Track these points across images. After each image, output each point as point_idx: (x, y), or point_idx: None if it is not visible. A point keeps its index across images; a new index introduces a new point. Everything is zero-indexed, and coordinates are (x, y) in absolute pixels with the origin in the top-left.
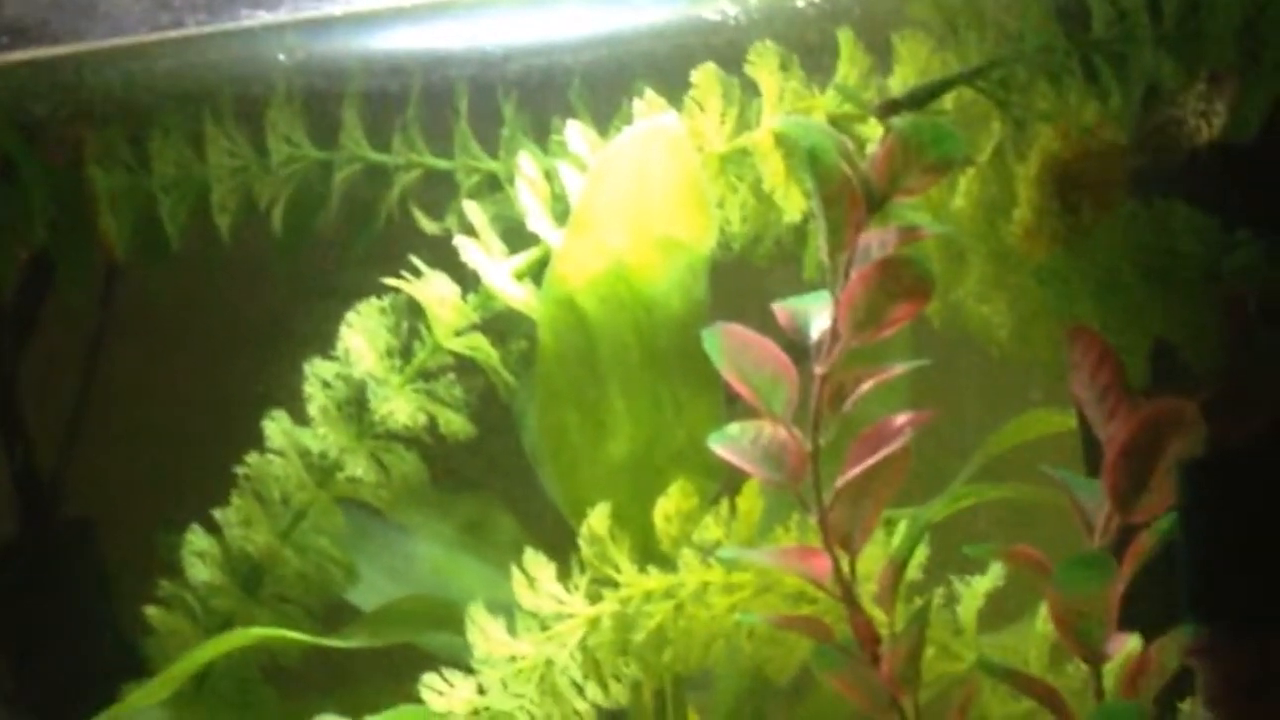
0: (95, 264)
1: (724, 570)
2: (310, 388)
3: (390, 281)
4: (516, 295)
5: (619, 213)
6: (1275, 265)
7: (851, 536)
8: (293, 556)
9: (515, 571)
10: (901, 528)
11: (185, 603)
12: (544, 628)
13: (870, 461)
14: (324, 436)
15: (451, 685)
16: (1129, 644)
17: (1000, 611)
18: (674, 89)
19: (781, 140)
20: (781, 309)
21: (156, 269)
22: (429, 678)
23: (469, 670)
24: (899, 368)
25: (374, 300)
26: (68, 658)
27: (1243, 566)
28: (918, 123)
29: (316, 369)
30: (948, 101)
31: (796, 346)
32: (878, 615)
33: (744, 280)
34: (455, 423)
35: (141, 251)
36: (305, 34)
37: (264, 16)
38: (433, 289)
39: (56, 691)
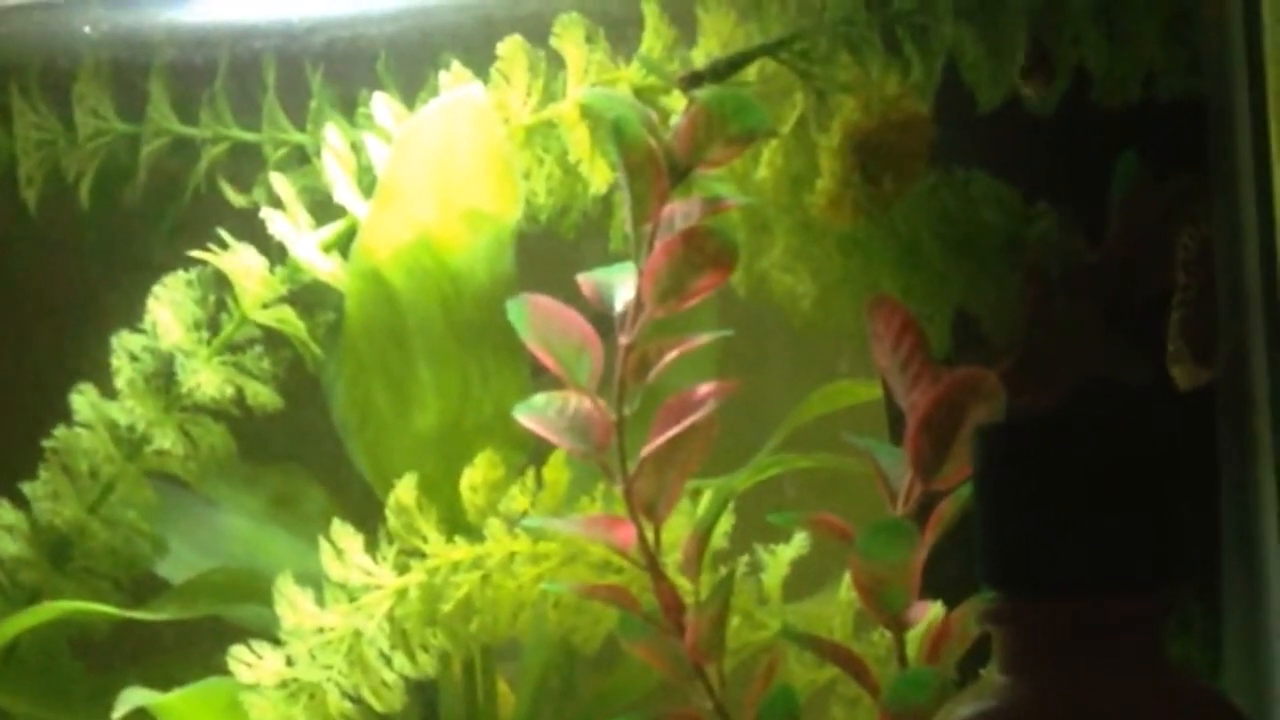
0: None
1: (530, 540)
2: (117, 361)
3: (197, 254)
4: (324, 267)
5: (424, 185)
6: (1073, 235)
7: (656, 506)
8: (101, 530)
9: (323, 543)
10: (707, 497)
11: None
12: (352, 599)
13: (674, 431)
14: (132, 409)
15: (260, 657)
16: (931, 611)
17: (805, 580)
18: (480, 62)
19: (586, 112)
20: (586, 280)
21: None
22: (237, 649)
23: (277, 642)
24: (702, 338)
25: (181, 273)
26: None
27: (1036, 533)
28: (720, 95)
29: (124, 342)
30: (751, 73)
31: (602, 318)
32: (683, 584)
33: (551, 252)
34: (263, 395)
35: None
36: (111, 6)
37: None
38: (240, 261)
39: None
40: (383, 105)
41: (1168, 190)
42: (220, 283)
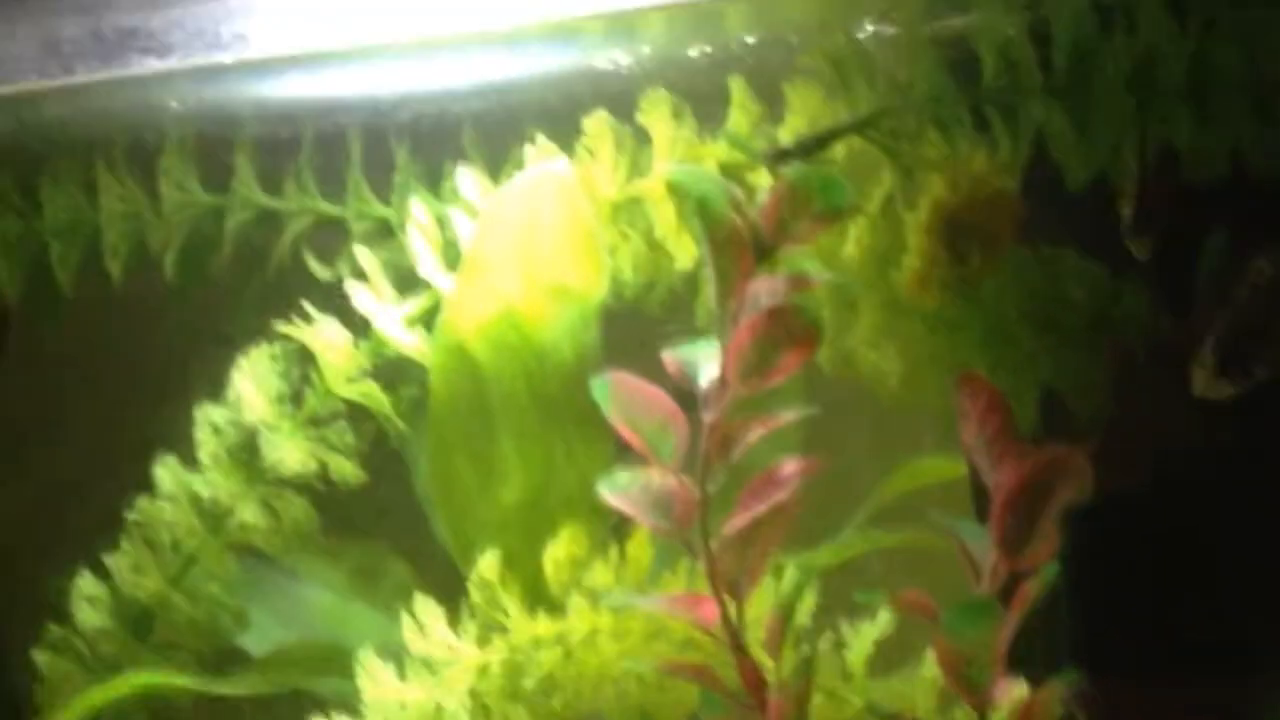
0: None
1: (613, 616)
2: (201, 433)
3: (281, 328)
4: (408, 341)
5: (510, 259)
6: (1160, 312)
7: (739, 583)
8: (183, 602)
9: (405, 617)
10: (790, 574)
11: (74, 647)
12: (433, 673)
13: (759, 508)
14: (214, 482)
15: None
16: (1016, 690)
17: (889, 657)
18: (565, 136)
19: (673, 188)
20: (670, 356)
21: (48, 314)
22: None
23: (358, 716)
24: (787, 415)
25: (265, 346)
26: None
27: (1124, 613)
28: (807, 172)
29: (207, 414)
30: (838, 150)
31: (687, 394)
32: (766, 662)
33: (636, 328)
34: (346, 469)
35: (33, 297)
36: (196, 81)
37: (155, 64)
38: (324, 335)
39: None
40: (468, 179)
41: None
42: (304, 356)
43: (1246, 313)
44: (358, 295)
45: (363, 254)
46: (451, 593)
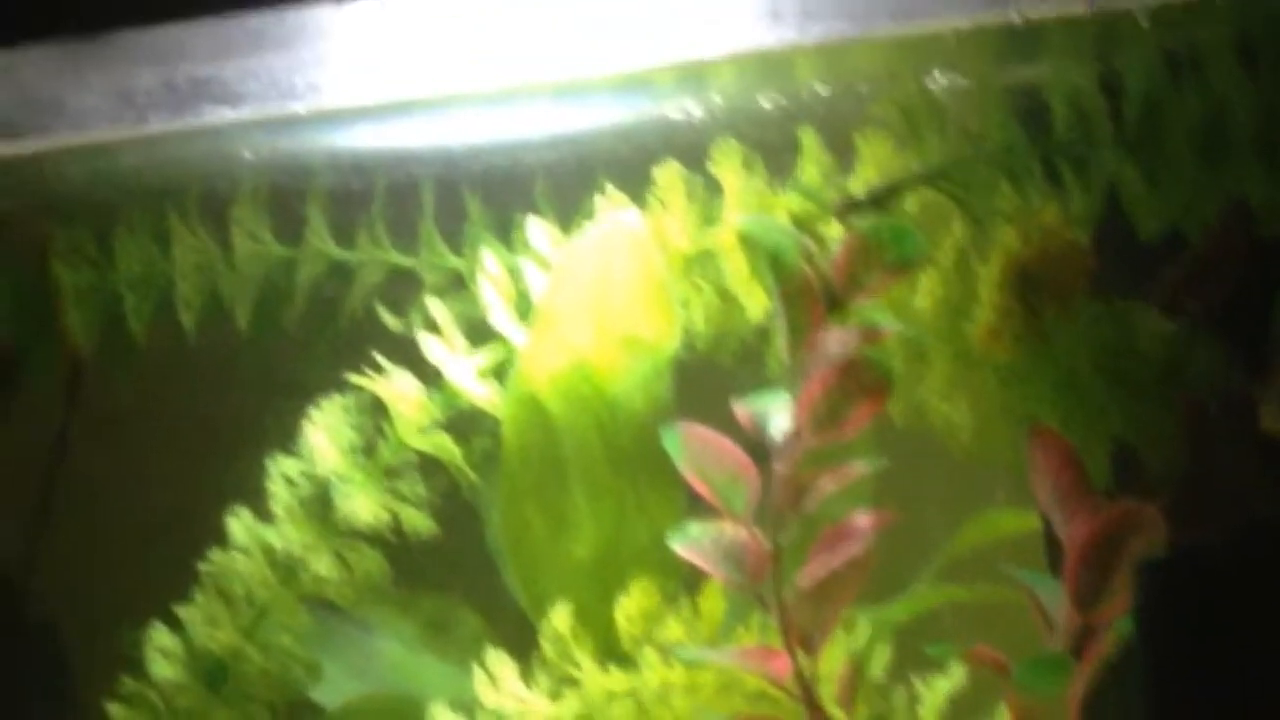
0: (61, 361)
1: (686, 670)
2: (273, 485)
3: (354, 379)
4: (480, 393)
5: (582, 311)
6: (1234, 367)
7: (812, 636)
8: (256, 654)
9: (477, 669)
10: (863, 628)
11: (148, 700)
12: None
13: (831, 562)
14: (287, 534)
15: None
16: None
17: (962, 712)
18: (636, 187)
19: (744, 240)
20: (742, 408)
21: (121, 365)
22: None
23: None
24: (859, 467)
25: (338, 397)
26: None
27: (1199, 672)
28: (878, 223)
29: (280, 465)
30: (909, 201)
31: (759, 446)
32: (838, 715)
33: (709, 380)
34: (418, 520)
35: (107, 348)
36: (269, 131)
37: (227, 114)
38: (396, 387)
39: None
40: (539, 231)
41: None
42: (377, 408)
43: None
44: (430, 346)
45: (435, 305)
46: (523, 646)
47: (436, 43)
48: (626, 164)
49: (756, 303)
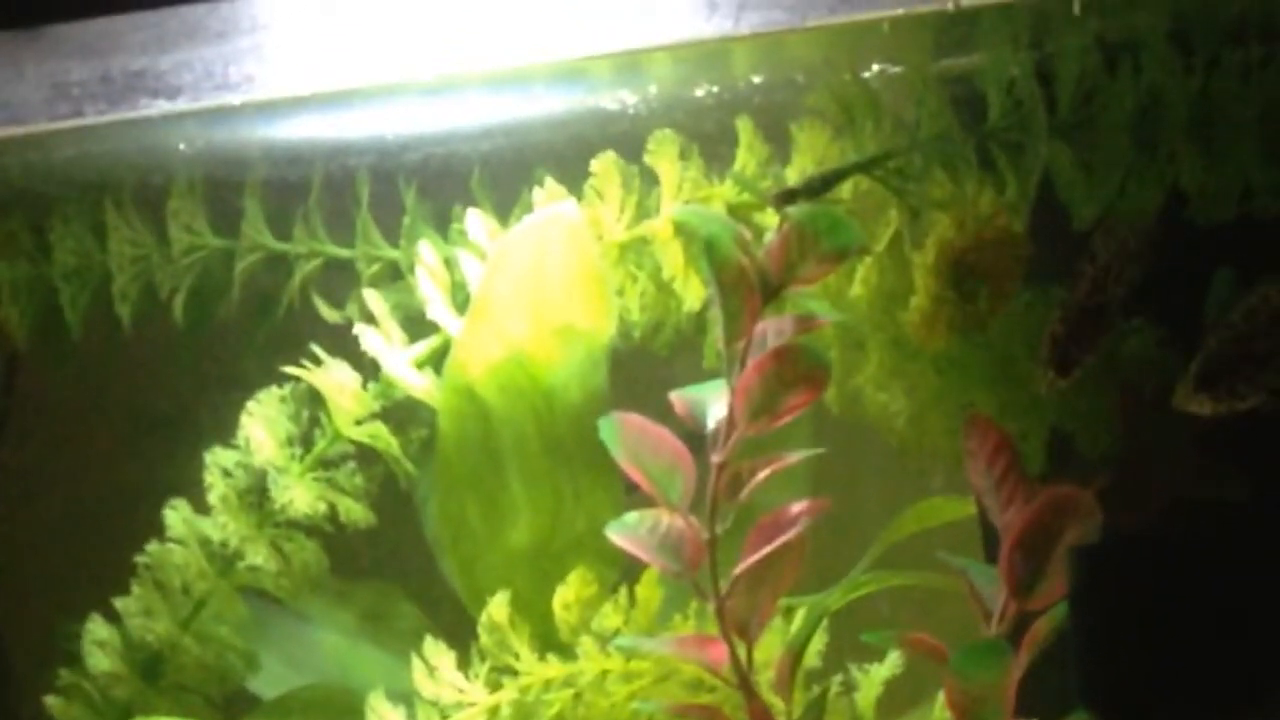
0: None
1: (623, 659)
2: (210, 476)
3: (290, 370)
4: (417, 384)
5: (518, 301)
6: (1167, 352)
7: (749, 624)
8: (193, 645)
9: (415, 660)
10: (800, 616)
11: (85, 692)
12: (444, 716)
13: (767, 550)
14: (224, 525)
15: None
16: None
17: (898, 699)
18: (573, 178)
19: (680, 229)
20: (678, 398)
21: (58, 358)
22: None
23: None
24: (795, 456)
25: (274, 389)
26: None
27: (1133, 656)
28: (814, 212)
29: (217, 457)
30: (844, 191)
31: (695, 435)
32: (775, 703)
33: (643, 369)
34: (356, 511)
35: (43, 340)
36: (205, 123)
37: (163, 105)
38: (333, 377)
39: None
40: (476, 221)
41: None
42: (313, 399)
43: (1245, 336)
44: (367, 338)
45: (371, 296)
46: (461, 635)
47: (372, 33)
48: (563, 154)
49: (692, 292)
